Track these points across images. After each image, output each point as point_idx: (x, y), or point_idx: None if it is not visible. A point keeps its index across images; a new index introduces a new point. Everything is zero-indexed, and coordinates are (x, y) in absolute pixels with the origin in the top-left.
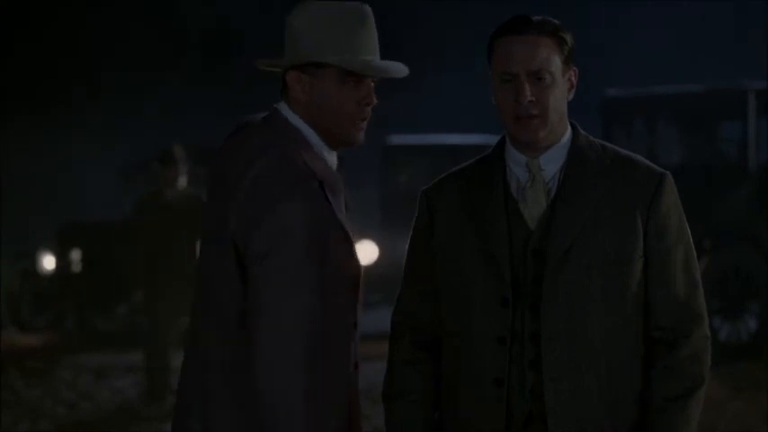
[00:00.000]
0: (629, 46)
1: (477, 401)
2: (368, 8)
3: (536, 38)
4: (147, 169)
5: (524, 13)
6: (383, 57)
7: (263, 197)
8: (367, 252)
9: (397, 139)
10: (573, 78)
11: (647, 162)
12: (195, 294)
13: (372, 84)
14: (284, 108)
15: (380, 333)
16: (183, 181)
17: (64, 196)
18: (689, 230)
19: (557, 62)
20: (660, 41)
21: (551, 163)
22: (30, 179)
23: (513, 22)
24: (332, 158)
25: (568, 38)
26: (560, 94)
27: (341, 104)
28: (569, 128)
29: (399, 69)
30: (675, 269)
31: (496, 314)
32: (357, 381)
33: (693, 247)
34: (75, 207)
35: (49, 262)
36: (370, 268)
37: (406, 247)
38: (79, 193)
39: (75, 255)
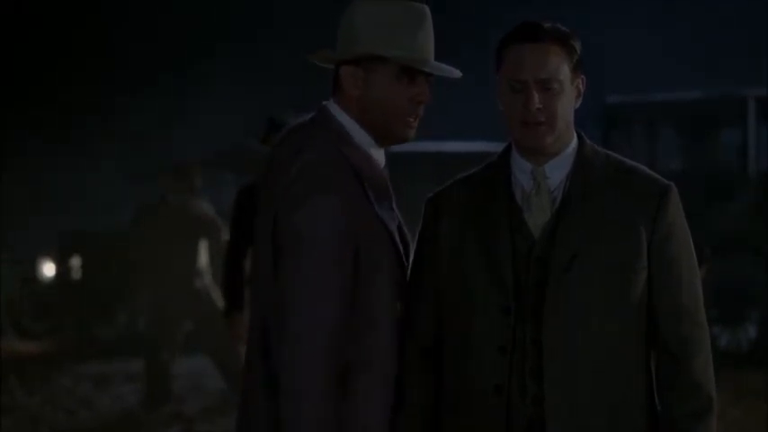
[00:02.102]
0: (627, 51)
1: (478, 409)
2: (427, 9)
3: (547, 46)
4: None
5: (532, 19)
6: None
7: (297, 190)
8: None
9: (398, 147)
10: (581, 86)
11: (652, 173)
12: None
13: (427, 84)
14: (332, 105)
15: None
16: (191, 190)
17: (64, 203)
18: (692, 241)
19: (565, 70)
20: (659, 46)
21: (557, 171)
22: (30, 185)
23: (523, 28)
24: (379, 156)
25: (578, 46)
26: (568, 102)
27: (394, 100)
28: (575, 137)
29: (454, 71)
30: (679, 280)
31: (498, 322)
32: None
33: (696, 257)
34: (75, 214)
35: (49, 269)
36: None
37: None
38: (80, 200)
39: (76, 262)
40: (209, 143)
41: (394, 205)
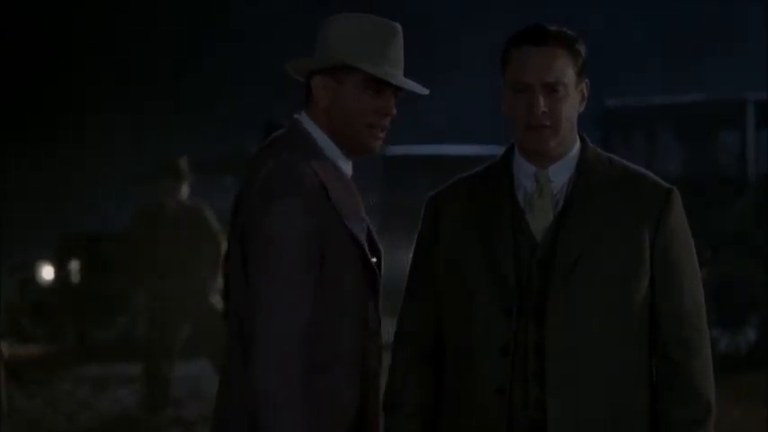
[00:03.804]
0: (626, 54)
1: (479, 411)
2: (399, 26)
3: (553, 49)
4: (153, 180)
5: (541, 22)
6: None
7: (262, 198)
8: None
9: (397, 150)
10: (585, 90)
11: (655, 177)
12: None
13: (393, 97)
14: (303, 117)
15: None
16: (185, 193)
17: (64, 206)
18: (693, 246)
19: (570, 74)
20: (659, 49)
21: (560, 174)
22: (29, 189)
23: (529, 31)
24: (347, 168)
25: (582, 50)
26: (572, 106)
27: (360, 111)
28: (578, 140)
29: (419, 87)
30: (681, 285)
31: (500, 324)
32: (376, 390)
33: (697, 261)
34: (75, 217)
35: (48, 272)
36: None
37: (406, 257)
38: (79, 204)
39: (75, 265)
40: (209, 146)
41: (364, 214)
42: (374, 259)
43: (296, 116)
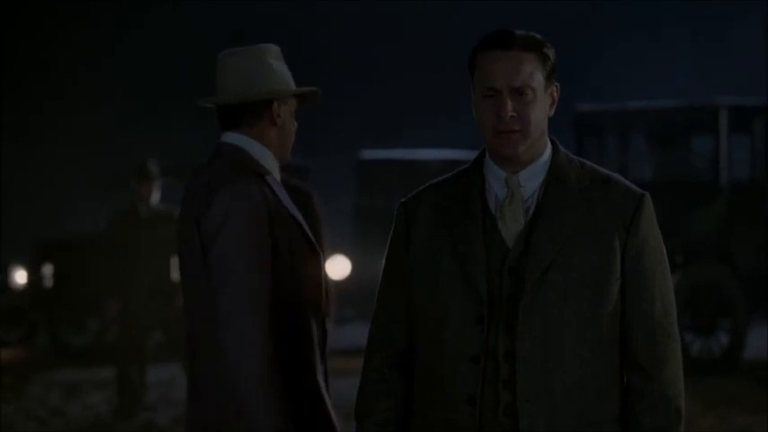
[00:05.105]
0: (598, 60)
1: (450, 420)
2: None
3: (520, 53)
4: (125, 184)
5: (508, 28)
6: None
7: (212, 185)
8: (339, 267)
9: (370, 154)
10: (555, 94)
11: (627, 182)
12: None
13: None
14: (239, 138)
15: (354, 348)
16: (156, 196)
17: (37, 211)
18: (665, 251)
19: (539, 78)
20: (633, 54)
21: (531, 180)
22: (2, 193)
23: (497, 36)
24: (278, 176)
25: (551, 53)
26: (542, 110)
27: (292, 128)
28: (549, 144)
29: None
30: (652, 290)
31: (471, 332)
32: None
33: (669, 267)
34: (48, 221)
35: (20, 276)
36: (342, 283)
37: (379, 262)
38: (53, 208)
39: (47, 269)
40: (185, 151)
41: (300, 220)
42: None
43: (228, 140)
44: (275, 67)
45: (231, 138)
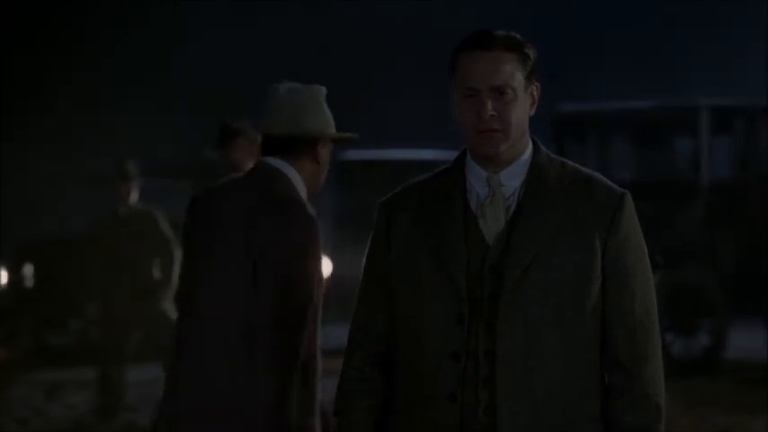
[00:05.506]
0: (584, 59)
1: (431, 418)
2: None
3: (499, 53)
4: (105, 183)
5: (486, 29)
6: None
7: (278, 203)
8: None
9: (352, 155)
10: (535, 94)
11: (608, 181)
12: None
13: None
14: (286, 167)
15: (335, 349)
16: (135, 196)
17: (19, 211)
18: (646, 250)
19: (519, 78)
20: (615, 54)
21: (512, 179)
22: None
23: (476, 37)
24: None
25: (531, 53)
26: (522, 110)
27: (326, 169)
28: (530, 144)
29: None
30: (633, 289)
31: (451, 330)
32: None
33: (650, 266)
34: (29, 222)
35: (1, 277)
36: (323, 283)
37: (361, 262)
38: (35, 208)
39: (28, 270)
40: (164, 151)
41: None
42: None
43: (277, 166)
44: (325, 108)
45: (275, 162)
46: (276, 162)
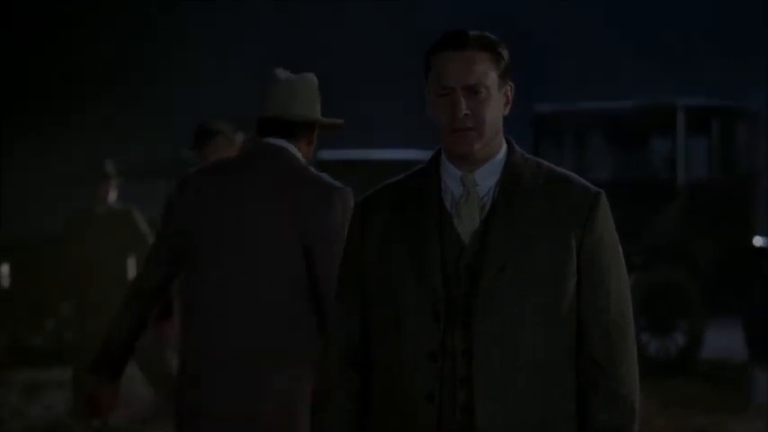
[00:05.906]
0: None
1: (409, 417)
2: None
3: (472, 53)
4: (82, 182)
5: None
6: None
7: (317, 184)
8: None
9: (327, 155)
10: (509, 93)
11: (582, 181)
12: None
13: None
14: (291, 147)
15: None
16: (113, 196)
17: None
18: (621, 249)
19: (493, 77)
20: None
21: (486, 178)
22: None
23: (450, 37)
24: None
25: (505, 53)
26: (496, 109)
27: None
28: (505, 144)
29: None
30: (608, 288)
31: (428, 330)
32: None
33: (625, 265)
34: (4, 221)
35: None
36: None
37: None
38: (13, 208)
39: (4, 269)
40: (146, 149)
41: None
42: None
43: (283, 145)
44: (319, 95)
45: (281, 142)
46: (280, 142)
